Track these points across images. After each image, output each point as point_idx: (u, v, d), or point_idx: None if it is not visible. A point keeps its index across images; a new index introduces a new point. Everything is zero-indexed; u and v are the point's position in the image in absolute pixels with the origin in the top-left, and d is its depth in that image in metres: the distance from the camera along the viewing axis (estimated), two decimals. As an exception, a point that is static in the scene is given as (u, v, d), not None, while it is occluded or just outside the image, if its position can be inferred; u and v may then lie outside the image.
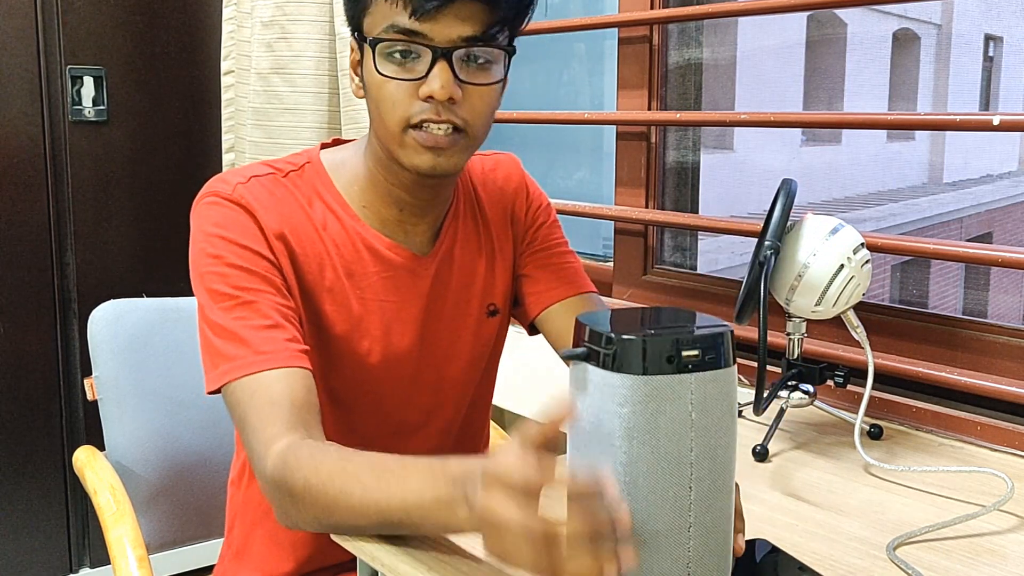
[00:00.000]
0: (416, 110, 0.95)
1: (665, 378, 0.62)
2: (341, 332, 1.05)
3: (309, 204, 1.04)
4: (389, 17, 0.94)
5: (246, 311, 0.95)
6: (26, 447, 2.21)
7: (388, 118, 0.97)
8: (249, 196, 1.00)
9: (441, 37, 0.93)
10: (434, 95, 0.94)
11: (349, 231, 1.05)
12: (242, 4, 2.11)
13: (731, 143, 2.16)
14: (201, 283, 0.98)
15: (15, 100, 2.13)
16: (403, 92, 0.95)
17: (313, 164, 1.07)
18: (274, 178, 1.04)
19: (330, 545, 0.90)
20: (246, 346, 0.93)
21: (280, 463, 0.87)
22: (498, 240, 1.16)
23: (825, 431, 1.24)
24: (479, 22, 0.94)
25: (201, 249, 0.99)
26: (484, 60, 0.97)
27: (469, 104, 0.96)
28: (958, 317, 1.33)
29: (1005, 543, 0.92)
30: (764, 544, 0.83)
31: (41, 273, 2.20)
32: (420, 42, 0.94)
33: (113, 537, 1.15)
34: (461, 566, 0.82)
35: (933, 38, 2.30)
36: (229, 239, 0.98)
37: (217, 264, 0.97)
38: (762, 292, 1.11)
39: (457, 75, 0.94)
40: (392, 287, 1.07)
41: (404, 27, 0.93)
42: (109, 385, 1.31)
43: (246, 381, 0.92)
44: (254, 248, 0.98)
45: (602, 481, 0.65)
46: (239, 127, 2.17)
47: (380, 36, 0.95)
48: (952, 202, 2.46)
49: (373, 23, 0.96)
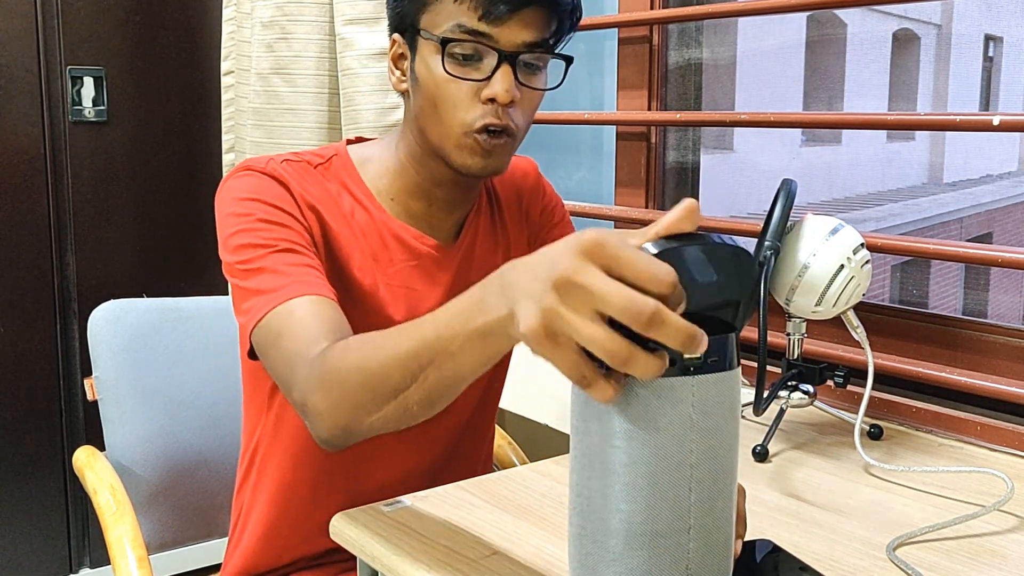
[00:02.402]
0: (478, 113, 0.96)
1: (667, 380, 0.62)
2: (366, 310, 1.05)
3: (337, 194, 1.05)
4: (455, 16, 0.95)
5: (280, 256, 0.95)
6: (26, 447, 2.21)
7: (448, 118, 0.97)
8: (282, 171, 1.01)
9: (507, 41, 0.95)
10: (497, 98, 0.95)
11: (376, 221, 1.06)
12: (242, 4, 2.11)
13: (731, 143, 2.16)
14: (230, 243, 0.96)
15: (15, 100, 2.13)
16: (464, 93, 0.96)
17: (340, 157, 1.08)
18: (303, 166, 1.05)
19: (331, 543, 0.90)
20: (285, 277, 0.92)
21: (321, 355, 0.83)
22: (514, 237, 1.18)
23: (825, 431, 1.24)
24: (542, 29, 0.96)
25: (230, 213, 0.98)
26: (538, 66, 0.99)
27: (521, 108, 0.98)
28: (958, 317, 1.33)
29: (1005, 543, 0.92)
30: (765, 544, 0.83)
31: (41, 273, 2.20)
32: (487, 44, 0.95)
33: (113, 537, 1.15)
34: (461, 566, 0.82)
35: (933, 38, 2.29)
36: (261, 199, 0.98)
37: (248, 221, 0.96)
38: (762, 292, 1.11)
39: (518, 79, 0.96)
40: (417, 275, 1.08)
41: (471, 28, 0.94)
42: (109, 385, 1.31)
43: (284, 306, 0.90)
44: (287, 209, 0.98)
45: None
46: (239, 127, 2.17)
47: (448, 35, 0.95)
48: (952, 202, 2.45)
49: (435, 20, 0.97)
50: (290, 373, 0.87)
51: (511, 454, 1.45)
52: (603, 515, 0.65)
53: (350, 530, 0.89)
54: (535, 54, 0.97)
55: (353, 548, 0.88)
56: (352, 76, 1.91)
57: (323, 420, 0.82)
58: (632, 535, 0.64)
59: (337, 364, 0.81)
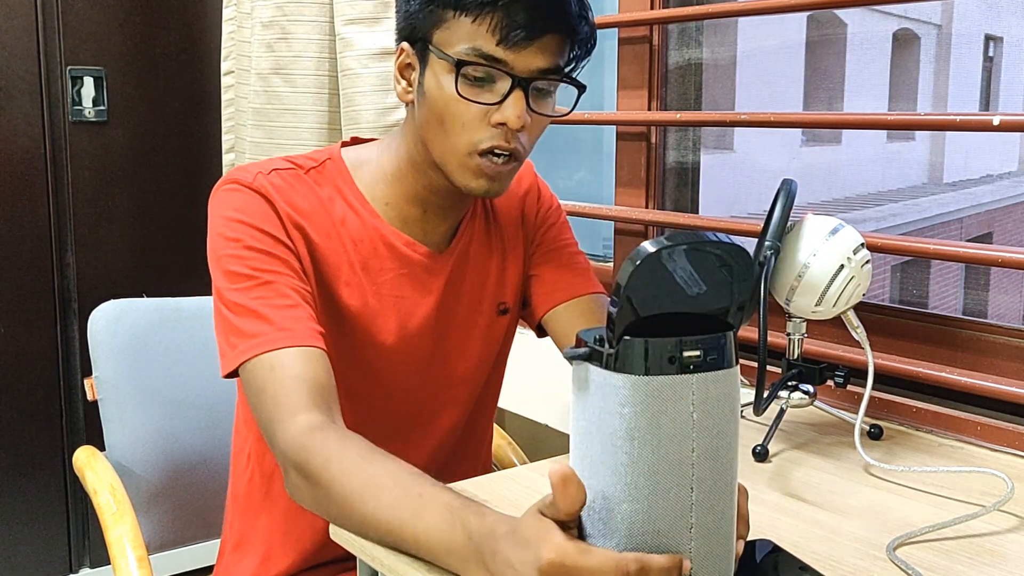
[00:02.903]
0: (486, 136, 0.96)
1: (667, 379, 0.62)
2: (356, 325, 1.05)
3: (329, 200, 1.05)
4: (472, 39, 0.94)
5: (265, 291, 0.95)
6: (26, 447, 2.21)
7: (455, 138, 0.97)
8: (269, 186, 1.01)
9: (522, 67, 0.95)
10: (508, 123, 0.95)
11: (367, 227, 1.06)
12: (242, 4, 2.11)
13: (731, 143, 2.16)
14: (219, 265, 0.98)
15: (15, 100, 2.13)
16: (473, 116, 0.96)
17: (334, 161, 1.08)
18: (295, 173, 1.05)
19: (330, 541, 0.90)
20: (268, 323, 0.93)
21: (303, 439, 0.87)
22: (510, 240, 1.17)
23: (825, 431, 1.24)
24: (558, 55, 0.96)
25: (220, 233, 0.99)
26: (549, 91, 0.99)
27: (528, 132, 0.98)
28: (958, 317, 1.33)
29: (1005, 543, 0.92)
30: (765, 544, 0.83)
31: (41, 273, 2.20)
32: (502, 69, 0.94)
33: (113, 537, 1.15)
34: (462, 566, 0.82)
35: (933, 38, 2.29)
36: (248, 223, 0.98)
37: (236, 247, 0.97)
38: (762, 292, 1.11)
39: (529, 104, 0.96)
40: (408, 283, 1.08)
41: (487, 53, 0.94)
42: (109, 385, 1.31)
43: (267, 357, 0.92)
44: (273, 233, 0.99)
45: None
46: (239, 127, 2.17)
47: (463, 58, 0.94)
48: (952, 202, 2.45)
49: (450, 39, 0.96)
50: (269, 435, 0.91)
51: (511, 454, 1.45)
52: (605, 515, 0.65)
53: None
54: (548, 80, 0.97)
55: (353, 548, 0.87)
56: (352, 76, 1.91)
57: (292, 493, 0.90)
58: (633, 534, 0.64)
59: (317, 478, 0.85)
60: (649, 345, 0.62)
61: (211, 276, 1.00)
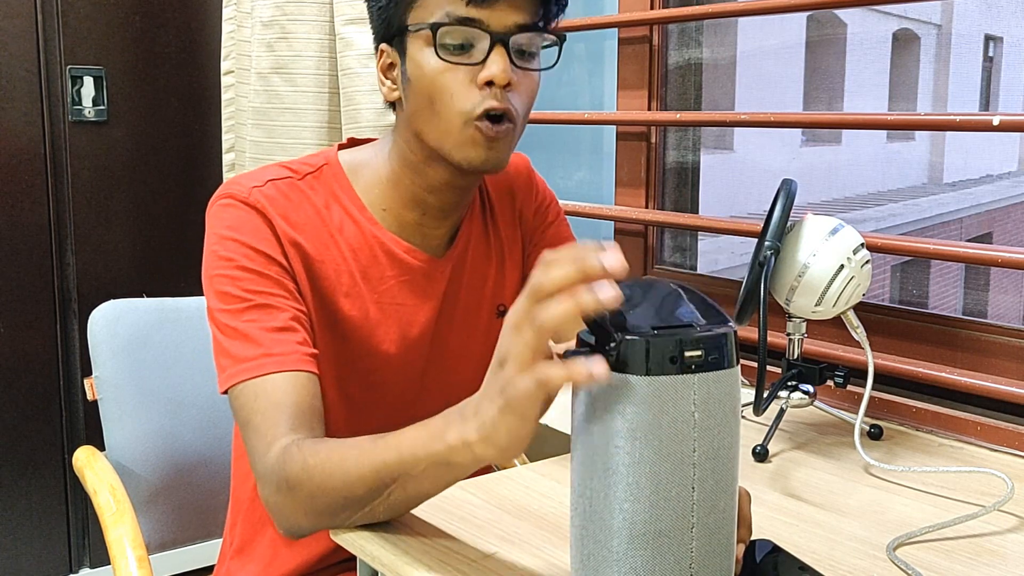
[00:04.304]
0: (477, 99, 0.95)
1: (668, 378, 0.62)
2: (357, 335, 1.05)
3: (326, 207, 1.04)
4: (443, 6, 0.95)
5: (257, 313, 0.95)
6: (26, 447, 2.21)
7: (446, 110, 0.96)
8: (264, 200, 1.00)
9: (497, 24, 0.95)
10: (495, 79, 0.94)
11: (366, 234, 1.05)
12: (242, 4, 2.11)
13: (731, 143, 2.16)
14: (212, 285, 0.98)
15: (15, 100, 2.13)
16: (460, 81, 0.95)
17: (331, 166, 1.07)
18: (291, 182, 1.04)
19: (331, 545, 0.90)
20: (257, 346, 0.93)
21: (279, 458, 0.87)
22: (507, 240, 1.16)
23: (825, 431, 1.24)
24: (531, 10, 0.96)
25: (214, 251, 0.99)
26: (531, 50, 0.99)
27: (519, 92, 0.98)
28: (958, 317, 1.33)
29: (1005, 543, 0.92)
30: (765, 544, 0.83)
31: (41, 273, 2.20)
32: (478, 27, 0.94)
33: (113, 537, 1.15)
34: (461, 566, 0.82)
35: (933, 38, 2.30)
36: (242, 242, 0.98)
37: (228, 267, 0.97)
38: (762, 292, 1.11)
39: (513, 62, 0.96)
40: (408, 290, 1.07)
41: (460, 16, 0.94)
42: (109, 385, 1.31)
43: (253, 384, 0.92)
44: (267, 252, 0.98)
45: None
46: (239, 127, 2.17)
47: (439, 21, 0.95)
48: (952, 202, 2.45)
49: (423, 15, 0.96)
50: (252, 466, 0.91)
51: (511, 454, 1.44)
52: (605, 515, 0.65)
53: (350, 530, 0.89)
54: (527, 35, 0.97)
55: (353, 548, 0.87)
56: (352, 76, 1.91)
57: (284, 521, 0.88)
58: (635, 535, 0.64)
59: (299, 477, 0.85)
60: (650, 345, 0.62)
61: (204, 294, 0.99)
